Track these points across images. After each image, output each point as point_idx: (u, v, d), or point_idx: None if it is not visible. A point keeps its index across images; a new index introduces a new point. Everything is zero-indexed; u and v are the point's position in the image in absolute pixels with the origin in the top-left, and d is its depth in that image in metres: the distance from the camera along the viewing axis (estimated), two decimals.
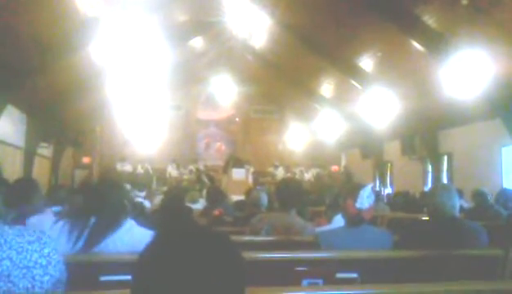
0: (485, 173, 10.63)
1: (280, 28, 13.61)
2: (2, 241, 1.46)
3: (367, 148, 17.12)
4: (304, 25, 12.81)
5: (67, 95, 12.77)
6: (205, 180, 15.16)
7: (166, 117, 19.94)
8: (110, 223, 2.56)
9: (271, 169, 18.80)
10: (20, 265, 1.44)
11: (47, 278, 1.49)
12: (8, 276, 1.41)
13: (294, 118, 20.69)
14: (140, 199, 7.76)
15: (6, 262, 1.41)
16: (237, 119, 20.84)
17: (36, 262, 1.48)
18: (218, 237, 0.99)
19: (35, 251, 1.50)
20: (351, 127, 16.41)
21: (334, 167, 19.59)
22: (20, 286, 1.42)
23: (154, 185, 16.03)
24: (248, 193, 7.37)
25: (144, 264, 0.94)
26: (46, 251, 1.53)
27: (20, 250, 1.47)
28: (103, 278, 2.36)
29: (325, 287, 2.56)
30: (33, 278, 1.46)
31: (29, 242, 1.51)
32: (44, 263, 1.50)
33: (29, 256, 1.48)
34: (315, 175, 18.49)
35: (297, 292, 2.25)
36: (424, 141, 13.44)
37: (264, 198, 5.20)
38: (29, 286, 1.44)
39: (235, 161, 15.41)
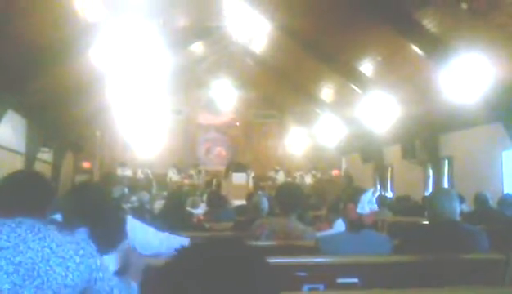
0: (486, 177, 10.61)
1: (281, 32, 13.63)
2: (47, 234, 1.74)
3: (367, 152, 17.11)
4: (304, 30, 12.82)
5: (67, 100, 12.78)
6: (214, 186, 15.14)
7: (166, 121, 19.94)
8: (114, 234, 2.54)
9: (271, 173, 18.78)
10: (58, 255, 1.70)
11: (77, 273, 1.72)
12: (48, 260, 1.67)
13: (294, 123, 20.69)
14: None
15: (47, 249, 1.69)
16: (237, 124, 20.84)
17: (71, 256, 1.73)
18: (248, 251, 0.98)
19: (71, 248, 1.75)
20: (351, 132, 16.40)
21: (335, 172, 19.58)
22: (56, 271, 1.67)
23: (154, 190, 16.01)
24: (249, 197, 7.37)
25: (172, 276, 0.93)
26: (81, 252, 1.77)
27: (59, 243, 1.73)
28: None
29: (325, 293, 2.56)
30: (66, 268, 1.70)
31: (68, 242, 1.78)
32: (78, 260, 1.74)
33: (66, 250, 1.73)
34: (315, 179, 18.48)
35: None
36: (424, 145, 13.42)
37: (265, 203, 5.19)
38: (63, 274, 1.68)
39: (235, 165, 15.41)
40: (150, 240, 2.84)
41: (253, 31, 14.38)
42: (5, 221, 1.72)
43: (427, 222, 3.80)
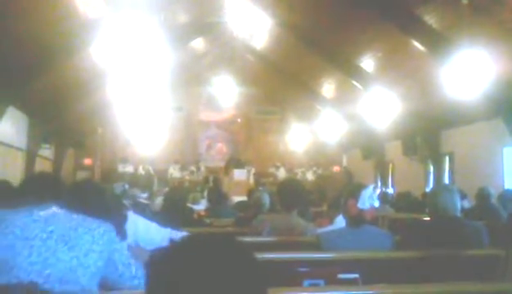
0: (486, 173, 10.61)
1: (282, 28, 13.62)
2: (72, 213, 2.01)
3: (368, 148, 17.10)
4: (305, 26, 12.81)
5: (68, 96, 12.79)
6: (211, 182, 15.15)
7: (167, 118, 19.92)
8: None
9: (272, 170, 18.80)
10: (84, 226, 1.95)
11: (102, 242, 1.93)
12: (76, 229, 1.92)
13: (295, 119, 20.68)
14: (146, 202, 7.78)
15: (74, 222, 1.95)
16: (239, 120, 20.82)
17: (95, 228, 1.97)
18: (237, 248, 0.97)
19: (95, 222, 2.00)
20: (352, 128, 16.39)
21: (336, 168, 19.58)
22: (84, 238, 1.91)
23: (155, 186, 16.03)
24: (250, 193, 7.38)
25: (158, 271, 0.92)
26: (103, 227, 2.00)
27: (84, 218, 2.00)
28: None
29: (326, 288, 2.57)
30: (93, 236, 1.93)
31: (91, 218, 2.02)
32: (101, 231, 1.97)
33: (90, 223, 1.99)
34: (316, 175, 18.48)
35: (298, 293, 2.25)
36: (425, 141, 13.42)
37: (266, 199, 5.19)
38: (91, 240, 1.92)
39: (236, 162, 15.42)
40: (152, 235, 2.86)
41: (254, 27, 14.34)
42: (33, 207, 1.97)
43: (428, 218, 3.81)
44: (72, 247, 1.86)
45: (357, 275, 2.76)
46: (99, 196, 2.58)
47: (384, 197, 8.21)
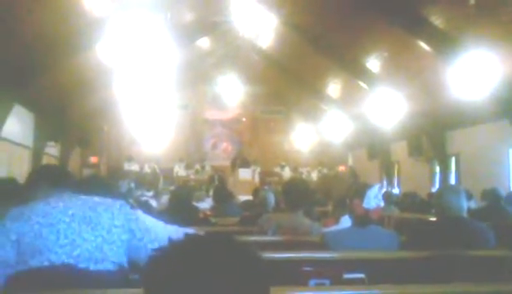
0: (493, 174, 10.57)
1: (287, 28, 13.61)
2: (85, 196, 2.12)
3: (374, 148, 17.06)
4: (311, 26, 12.80)
5: (74, 94, 12.83)
6: (216, 181, 15.18)
7: (173, 116, 19.94)
8: None
9: (277, 169, 18.78)
10: (102, 204, 2.06)
11: (121, 216, 2.03)
12: (95, 208, 2.02)
13: (300, 118, 20.66)
14: (147, 199, 7.81)
15: (91, 202, 2.06)
16: (244, 119, 20.81)
17: (112, 205, 2.08)
18: (240, 247, 0.95)
19: (109, 200, 2.12)
20: (358, 128, 16.37)
21: (341, 168, 19.54)
22: (104, 215, 2.00)
23: (161, 185, 16.05)
24: (255, 192, 7.39)
25: (157, 270, 0.91)
26: (118, 203, 2.10)
27: (99, 198, 2.12)
28: None
29: (332, 288, 2.57)
30: (112, 212, 2.03)
31: (105, 197, 2.15)
32: (118, 207, 2.07)
33: (106, 201, 2.10)
34: (321, 175, 18.45)
35: (304, 292, 2.25)
36: (431, 142, 13.38)
37: (271, 198, 5.20)
38: (111, 216, 2.01)
39: (241, 161, 15.43)
40: (158, 234, 2.85)
41: (260, 26, 14.34)
42: (47, 197, 2.06)
43: (434, 219, 3.80)
44: (95, 227, 1.95)
45: (362, 275, 2.75)
46: (105, 191, 2.61)
47: (388, 197, 8.17)
